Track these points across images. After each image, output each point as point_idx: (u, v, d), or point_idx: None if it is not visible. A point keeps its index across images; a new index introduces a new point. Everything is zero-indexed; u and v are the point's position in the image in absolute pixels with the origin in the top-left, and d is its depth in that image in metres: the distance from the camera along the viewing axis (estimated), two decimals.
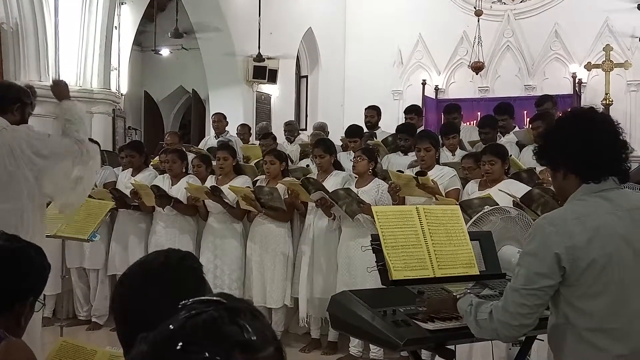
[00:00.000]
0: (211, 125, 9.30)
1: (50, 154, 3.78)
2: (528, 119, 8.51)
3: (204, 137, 10.68)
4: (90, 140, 6.37)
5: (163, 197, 5.78)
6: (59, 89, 4.05)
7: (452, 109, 7.65)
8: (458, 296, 2.36)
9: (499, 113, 7.09)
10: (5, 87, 3.97)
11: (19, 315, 2.07)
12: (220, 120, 8.79)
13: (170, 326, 0.94)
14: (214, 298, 1.00)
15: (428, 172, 5.05)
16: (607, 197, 2.14)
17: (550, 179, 4.76)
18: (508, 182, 4.74)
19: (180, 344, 0.91)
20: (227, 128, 8.90)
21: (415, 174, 4.97)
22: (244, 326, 0.94)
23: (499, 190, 4.54)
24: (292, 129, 9.05)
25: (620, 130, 2.17)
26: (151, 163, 6.80)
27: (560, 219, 2.13)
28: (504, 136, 6.81)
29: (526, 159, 5.99)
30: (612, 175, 2.15)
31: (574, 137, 2.13)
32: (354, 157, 5.42)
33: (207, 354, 0.89)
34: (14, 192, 3.66)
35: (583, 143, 2.12)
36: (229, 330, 0.93)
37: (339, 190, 5.13)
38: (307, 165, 6.60)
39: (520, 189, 4.54)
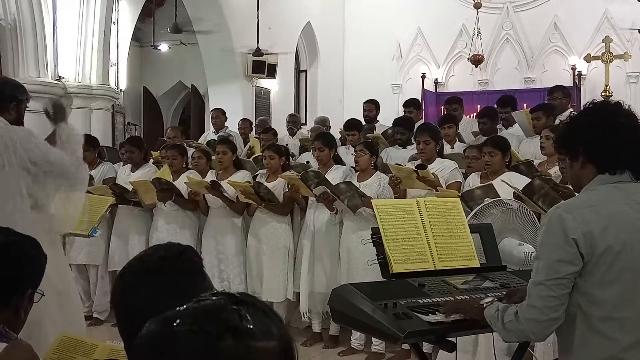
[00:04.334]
0: (210, 121, 9.29)
1: (44, 164, 3.67)
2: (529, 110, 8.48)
3: (204, 132, 10.66)
4: (88, 136, 6.35)
5: (165, 191, 5.77)
6: (56, 112, 3.93)
7: (453, 100, 7.67)
8: (485, 305, 2.34)
9: (501, 105, 7.09)
10: (1, 85, 3.87)
11: (18, 309, 2.06)
12: (219, 117, 8.76)
13: (178, 308, 0.99)
14: (231, 293, 1.02)
15: (429, 165, 5.05)
16: (621, 188, 2.15)
17: (546, 171, 4.81)
18: (509, 174, 4.74)
19: (178, 321, 0.95)
20: (226, 123, 8.88)
21: (416, 167, 4.96)
22: (245, 316, 0.95)
23: (502, 180, 4.55)
24: (295, 121, 9.07)
25: None
26: (152, 157, 6.79)
27: (576, 206, 2.14)
28: (506, 129, 6.81)
29: (525, 151, 5.98)
30: (629, 169, 2.16)
31: (597, 128, 2.15)
32: (356, 152, 5.41)
33: (199, 333, 0.93)
34: (8, 192, 3.59)
35: (605, 134, 2.13)
36: (227, 315, 0.95)
37: (340, 185, 5.12)
38: (308, 162, 6.58)
39: (521, 181, 4.53)
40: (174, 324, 0.95)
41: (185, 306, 0.99)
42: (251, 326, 0.94)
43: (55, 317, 3.44)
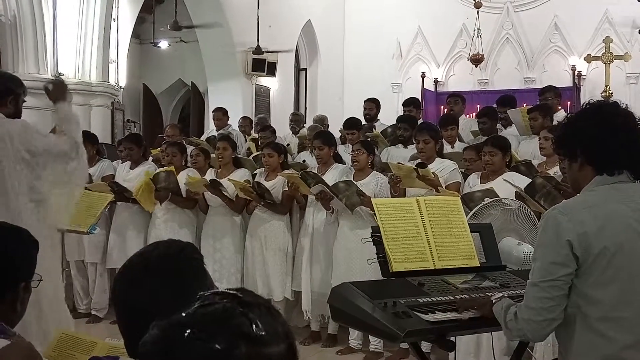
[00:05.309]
0: (211, 118, 9.26)
1: (42, 152, 3.65)
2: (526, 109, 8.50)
3: (203, 129, 10.64)
4: (87, 133, 6.32)
5: (162, 190, 5.77)
6: (56, 90, 3.87)
7: (454, 94, 7.69)
8: (494, 300, 2.34)
9: (501, 105, 7.10)
10: None
11: (13, 302, 2.04)
12: (220, 119, 8.69)
13: (183, 314, 0.98)
14: (231, 292, 1.02)
15: (428, 165, 5.04)
16: (619, 188, 2.15)
17: (545, 172, 4.80)
18: (510, 174, 4.73)
19: (188, 330, 0.94)
20: (229, 122, 8.83)
21: (416, 166, 4.96)
22: (254, 320, 0.96)
23: (504, 180, 4.54)
24: (298, 120, 9.06)
25: None
26: (152, 154, 6.79)
27: (572, 207, 2.14)
28: (505, 128, 6.81)
29: (524, 151, 5.98)
30: (627, 169, 2.16)
31: (595, 128, 2.14)
32: (353, 151, 5.40)
33: (212, 342, 0.93)
34: (6, 186, 3.56)
35: (603, 135, 2.13)
36: (237, 321, 0.96)
37: (339, 183, 5.12)
38: (304, 161, 6.58)
39: (522, 181, 4.53)
40: (184, 333, 0.94)
41: (191, 311, 0.98)
42: (262, 332, 0.95)
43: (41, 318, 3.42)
